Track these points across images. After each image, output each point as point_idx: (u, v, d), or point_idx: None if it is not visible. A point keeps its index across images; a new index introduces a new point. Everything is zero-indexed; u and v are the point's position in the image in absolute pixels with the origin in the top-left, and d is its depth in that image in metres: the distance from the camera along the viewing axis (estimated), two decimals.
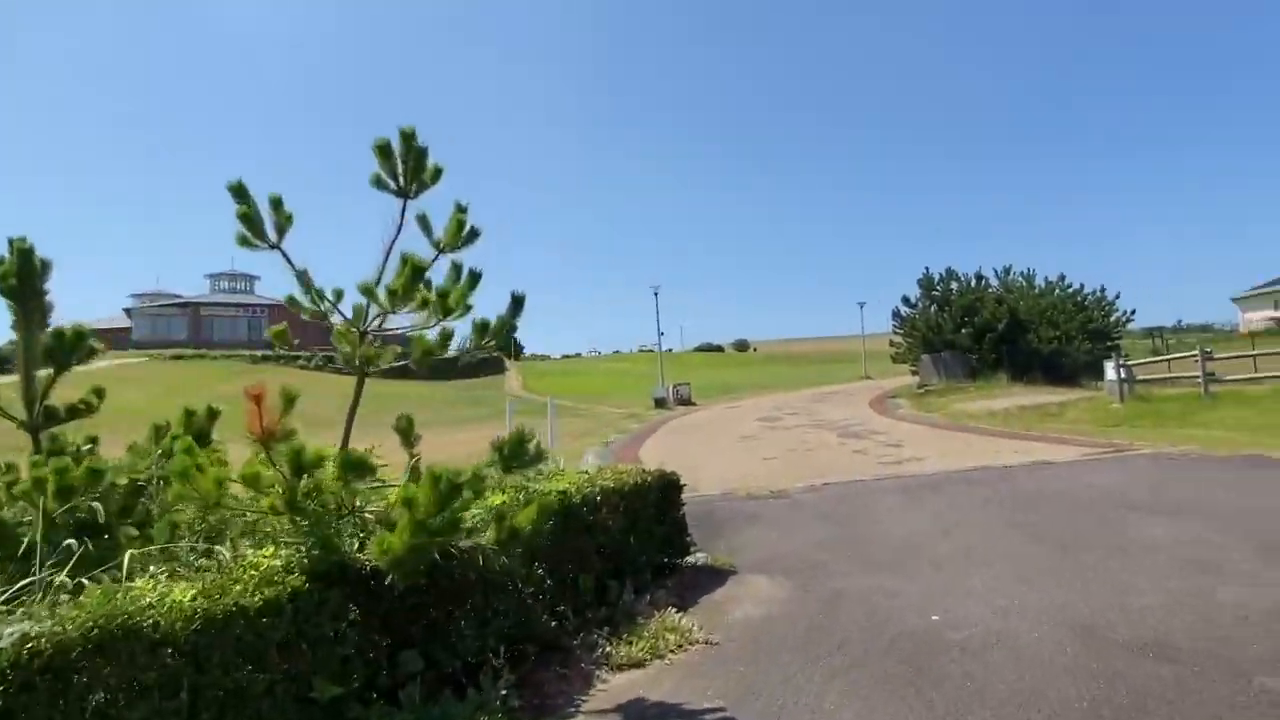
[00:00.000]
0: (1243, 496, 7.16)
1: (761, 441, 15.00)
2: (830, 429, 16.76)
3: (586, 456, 13.83)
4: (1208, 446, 10.34)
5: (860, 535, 6.51)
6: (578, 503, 4.49)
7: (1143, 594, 4.29)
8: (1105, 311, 32.40)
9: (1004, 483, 8.63)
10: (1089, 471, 9.05)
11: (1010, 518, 6.79)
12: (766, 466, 11.33)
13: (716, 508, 8.21)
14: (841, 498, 8.37)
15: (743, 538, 6.81)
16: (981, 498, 7.83)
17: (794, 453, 12.86)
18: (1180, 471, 8.68)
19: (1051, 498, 7.56)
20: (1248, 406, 12.70)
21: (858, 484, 9.23)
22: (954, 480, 9.00)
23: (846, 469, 10.57)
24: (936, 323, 27.42)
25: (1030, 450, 11.29)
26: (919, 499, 7.97)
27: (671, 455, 13.53)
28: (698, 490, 9.45)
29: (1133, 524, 6.18)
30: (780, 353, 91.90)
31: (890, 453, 12.07)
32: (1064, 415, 15.63)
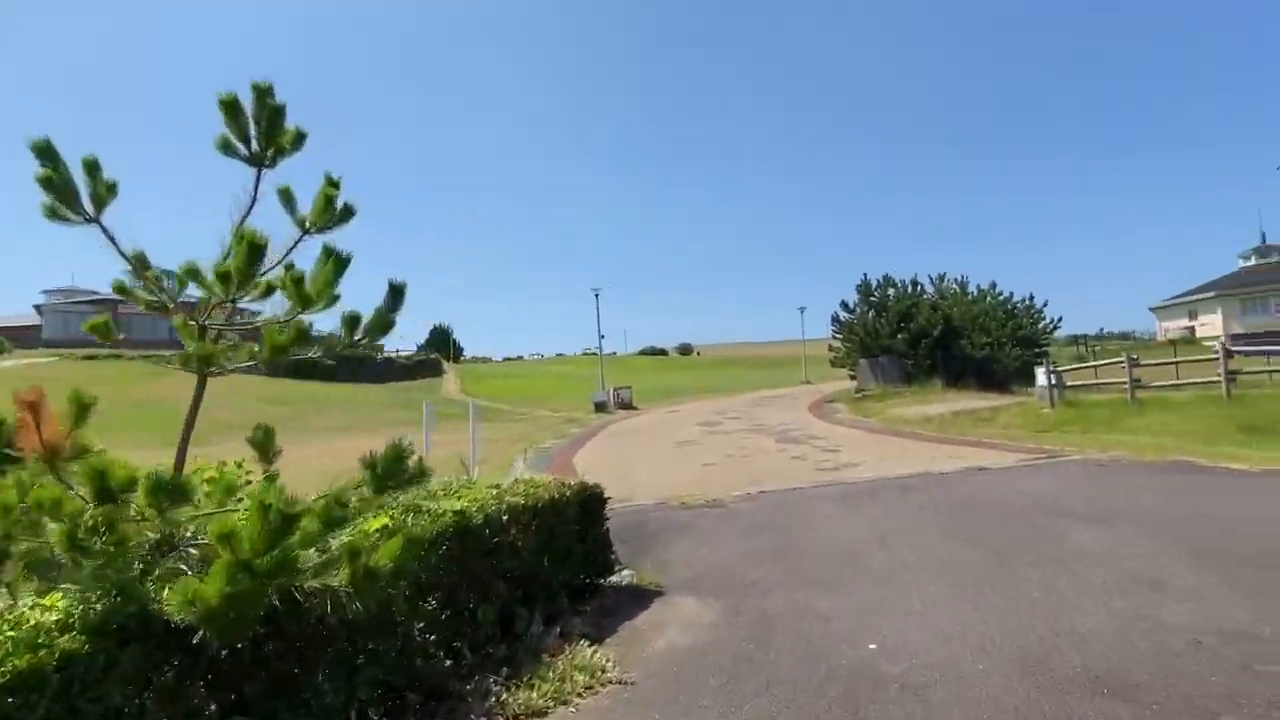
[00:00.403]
0: (1170, 502, 7.10)
1: (700, 447, 14.66)
2: (769, 434, 16.55)
3: (517, 464, 13.24)
4: (1135, 452, 10.42)
5: (796, 547, 6.15)
6: (478, 523, 3.95)
7: (1089, 615, 4.01)
8: (1034, 319, 33.40)
9: (940, 489, 8.45)
10: (1022, 478, 8.96)
11: (947, 526, 6.54)
12: (704, 473, 10.96)
13: (649, 519, 7.78)
14: (778, 506, 8.03)
15: (674, 551, 6.38)
16: (918, 505, 7.60)
17: (732, 458, 12.54)
18: (1110, 478, 8.64)
19: (987, 505, 7.37)
20: (1172, 412, 12.97)
21: (795, 491, 8.92)
22: (890, 487, 8.78)
23: (784, 475, 10.28)
24: (874, 328, 27.72)
25: (965, 456, 11.22)
26: (856, 506, 7.69)
27: (607, 462, 13.07)
28: (631, 500, 9.03)
29: (1070, 533, 5.98)
30: (723, 357, 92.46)
31: (828, 458, 11.86)
32: (996, 420, 15.78)
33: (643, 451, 14.39)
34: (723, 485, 9.71)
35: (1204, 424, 12.17)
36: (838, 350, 30.89)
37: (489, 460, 13.78)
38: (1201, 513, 6.55)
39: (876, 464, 10.90)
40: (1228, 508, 6.72)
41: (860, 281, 29.29)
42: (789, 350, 71.20)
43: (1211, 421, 12.14)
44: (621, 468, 12.10)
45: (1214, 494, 7.42)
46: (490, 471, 12.18)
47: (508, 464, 13.15)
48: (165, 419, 28.15)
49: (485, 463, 13.44)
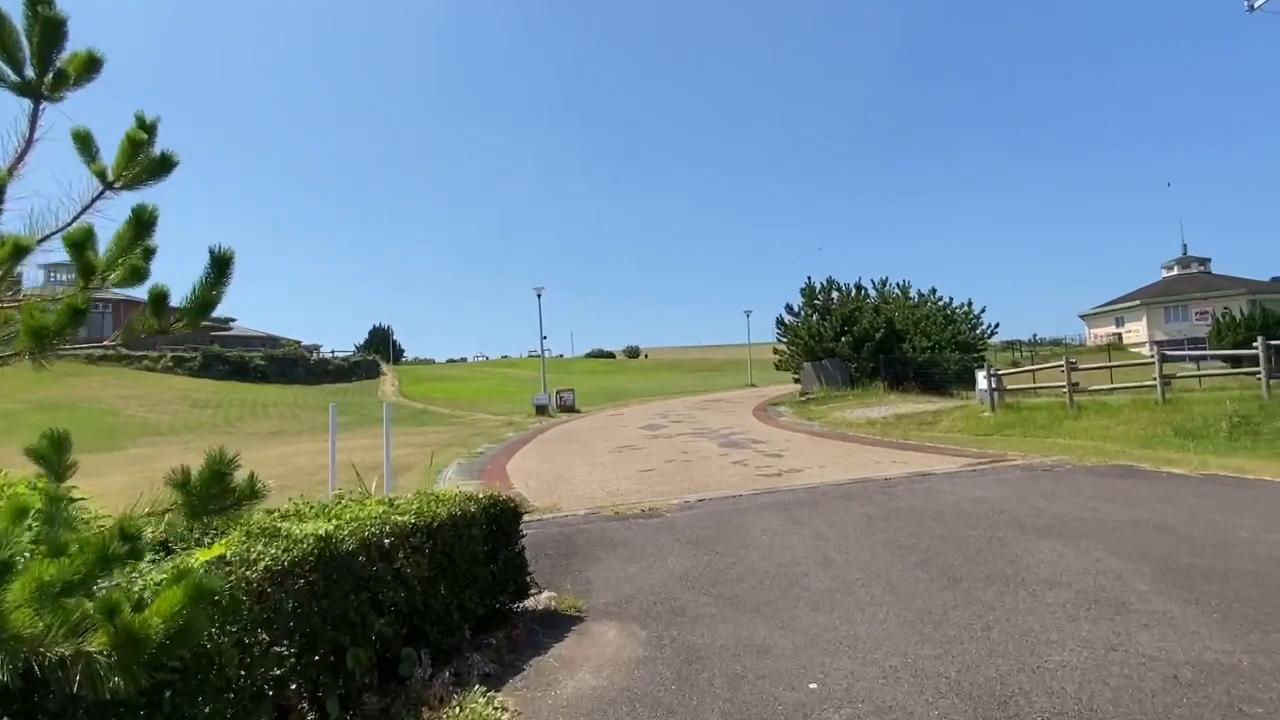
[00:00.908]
0: (1121, 510, 6.85)
1: (641, 452, 14.11)
2: (712, 438, 16.12)
3: (447, 472, 12.46)
4: (1078, 456, 10.29)
5: (733, 564, 5.63)
6: (349, 550, 3.29)
7: (1055, 646, 3.58)
8: (972, 324, 34.01)
9: (885, 497, 8.07)
10: (969, 484, 8.66)
11: (894, 539, 6.12)
12: (642, 480, 10.40)
13: (579, 531, 7.17)
14: (716, 517, 7.52)
15: (601, 569, 5.79)
16: (863, 515, 7.19)
17: (673, 464, 12.02)
18: (1058, 484, 8.41)
19: (936, 515, 6.99)
20: (1110, 416, 13.01)
21: (735, 500, 8.43)
22: (834, 495, 8.37)
23: (725, 482, 9.81)
24: (818, 331, 27.68)
25: (910, 460, 10.95)
26: (798, 517, 7.23)
27: (542, 468, 12.40)
28: (560, 510, 8.42)
29: (1024, 547, 5.62)
30: (670, 360, 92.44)
31: (770, 463, 11.44)
32: (939, 424, 15.68)
33: (581, 457, 13.76)
34: (661, 493, 9.18)
35: (1140, 428, 12.20)
36: (783, 354, 30.82)
37: (415, 467, 12.97)
38: (1154, 522, 6.28)
39: (820, 470, 10.52)
40: (1179, 516, 6.47)
41: (805, 285, 29.29)
42: (736, 354, 71.57)
43: (1147, 425, 12.18)
44: (557, 474, 11.46)
45: (1162, 501, 7.21)
46: (416, 480, 11.39)
47: (436, 471, 12.35)
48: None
49: (411, 469, 12.64)
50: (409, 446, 16.96)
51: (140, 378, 40.51)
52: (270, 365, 49.07)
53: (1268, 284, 61.14)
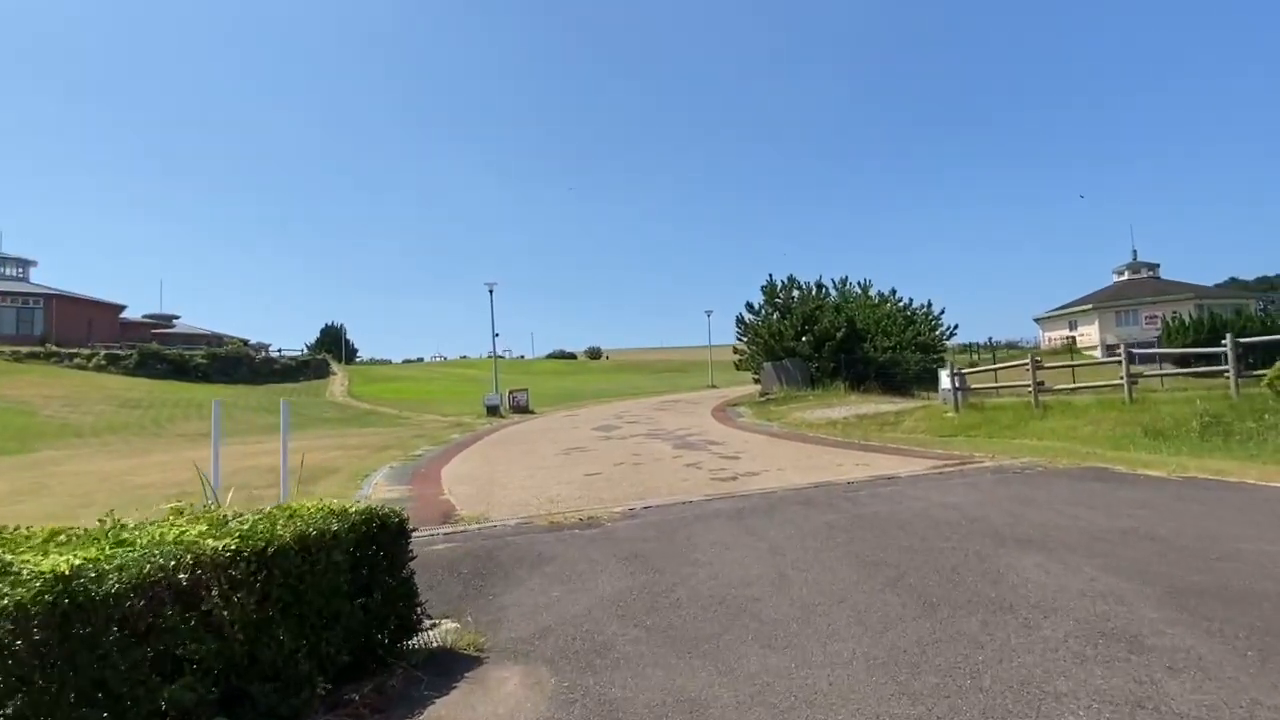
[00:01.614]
0: (1105, 518, 6.20)
1: (590, 454, 13.22)
2: (667, 439, 15.32)
3: (374, 478, 11.42)
4: (1048, 458, 9.72)
5: (674, 586, 4.79)
6: (115, 592, 2.35)
7: (1066, 700, 2.80)
8: (932, 325, 33.87)
9: (848, 503, 7.33)
10: (938, 488, 7.98)
11: (859, 552, 5.35)
12: (586, 486, 9.52)
13: (505, 544, 6.28)
14: (662, 527, 6.68)
15: (520, 593, 4.90)
16: (824, 524, 6.42)
17: (622, 467, 11.16)
18: (1032, 489, 7.77)
19: (904, 524, 6.26)
20: (1076, 417, 12.54)
21: (685, 506, 7.61)
22: (793, 501, 7.60)
23: (676, 487, 8.99)
24: (778, 330, 27.11)
25: (873, 463, 10.27)
26: (753, 527, 6.43)
27: (481, 472, 11.45)
28: (490, 519, 7.51)
29: (1006, 562, 4.89)
30: (632, 361, 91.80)
31: (726, 466, 10.66)
32: (901, 424, 15.12)
33: (524, 460, 12.82)
34: (605, 500, 8.32)
35: (1108, 428, 11.74)
36: (743, 353, 30.21)
37: (341, 471, 11.91)
38: (1143, 531, 5.62)
39: (778, 473, 9.77)
40: (1168, 524, 5.83)
41: (765, 283, 28.69)
42: (699, 355, 71.17)
43: (1115, 425, 11.72)
44: (494, 479, 10.52)
45: (1145, 507, 6.58)
46: (337, 486, 10.35)
47: (364, 477, 11.30)
48: None
49: (336, 474, 11.57)
50: (342, 449, 15.82)
51: (68, 377, 38.24)
52: (212, 364, 46.93)
53: (1214, 289, 62.89)
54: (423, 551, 6.27)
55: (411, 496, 9.20)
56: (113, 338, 54.90)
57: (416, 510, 8.26)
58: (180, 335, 60.58)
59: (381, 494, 9.48)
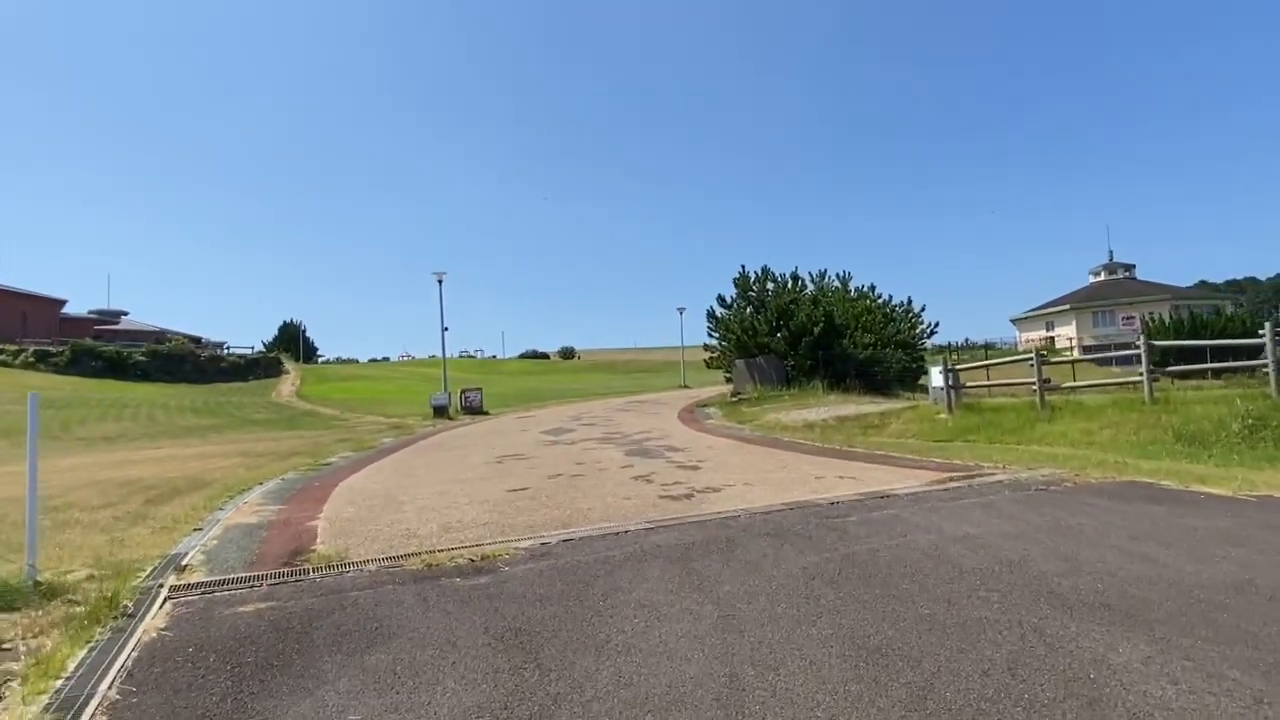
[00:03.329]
0: (1195, 560, 4.41)
1: (527, 463, 11.26)
2: (621, 444, 13.40)
3: (250, 495, 9.33)
4: (1073, 470, 7.96)
5: (555, 706, 2.87)
6: None
7: None
8: (912, 323, 32.36)
9: (834, 534, 5.48)
10: (948, 513, 6.15)
11: (858, 631, 3.49)
12: (502, 507, 7.57)
13: (341, 605, 4.33)
14: (575, 573, 4.76)
15: (306, 708, 2.96)
16: (802, 570, 4.55)
17: (557, 480, 9.21)
18: (1070, 513, 5.97)
19: (916, 571, 4.41)
20: (1089, 419, 10.84)
21: (616, 540, 5.69)
22: (760, 530, 5.72)
23: (615, 508, 7.08)
24: (752, 325, 25.30)
25: (860, 475, 8.44)
26: (701, 576, 4.53)
27: (386, 486, 9.42)
28: (347, 557, 5.55)
29: (1093, 653, 3.06)
30: (605, 361, 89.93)
31: (683, 479, 8.76)
32: (888, 427, 13.35)
33: (446, 471, 10.81)
34: (516, 527, 6.39)
35: (1131, 432, 10.04)
36: (714, 350, 28.37)
37: (216, 484, 9.79)
38: (1267, 589, 3.83)
39: (744, 489, 7.89)
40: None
41: (738, 275, 26.85)
42: (672, 355, 69.39)
43: (1139, 429, 10.03)
44: (394, 496, 8.51)
45: (1238, 543, 4.80)
46: (194, 504, 8.26)
47: (238, 494, 9.20)
48: None
49: (208, 487, 9.46)
50: (243, 457, 13.66)
51: None
52: (153, 362, 44.07)
53: (1189, 290, 62.56)
54: (218, 615, 4.35)
55: (273, 522, 7.17)
56: (51, 334, 51.74)
57: (267, 542, 6.28)
58: (124, 332, 57.39)
59: (240, 518, 7.44)
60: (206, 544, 6.25)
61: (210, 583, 4.99)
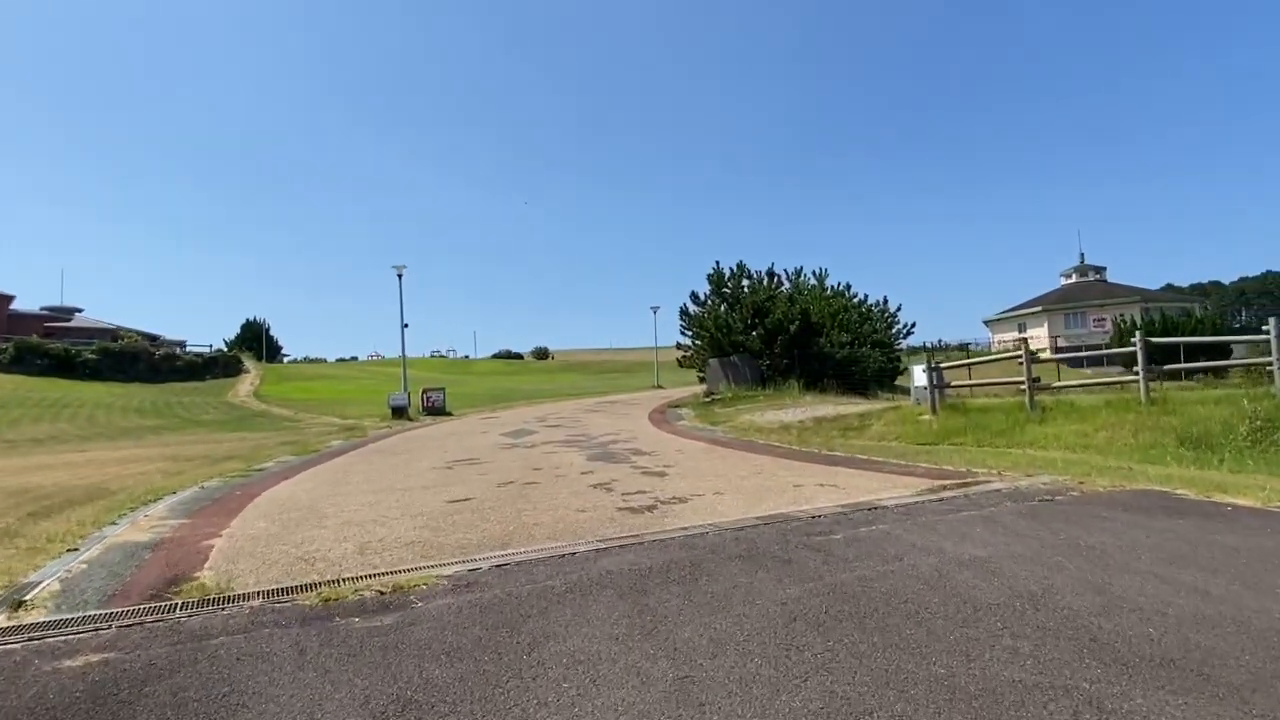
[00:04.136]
0: (1255, 593, 3.64)
1: (478, 469, 10.31)
2: (585, 448, 12.49)
3: (157, 506, 8.28)
4: (1076, 476, 7.22)
5: None
6: None
7: None
8: (888, 322, 31.84)
9: (818, 557, 4.64)
10: (947, 529, 5.34)
11: (854, 696, 2.66)
12: (439, 520, 6.64)
13: (193, 659, 3.40)
14: (501, 612, 3.85)
15: None
16: (780, 608, 3.70)
17: (508, 488, 8.28)
18: (1087, 530, 5.19)
19: (921, 611, 3.57)
20: (1083, 420, 10.16)
21: (559, 564, 4.79)
22: (729, 553, 4.86)
23: (566, 523, 6.18)
24: (726, 322, 24.48)
25: (843, 482, 7.63)
26: (656, 617, 3.66)
27: (310, 498, 8.42)
28: (230, 589, 4.59)
29: None
30: (579, 362, 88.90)
31: (647, 487, 7.88)
32: (868, 429, 12.59)
33: (387, 478, 9.82)
34: (447, 547, 5.46)
35: (1129, 434, 9.36)
36: (687, 349, 27.54)
37: (121, 492, 8.70)
38: None
39: (714, 498, 7.04)
40: None
41: (712, 271, 26.02)
42: (648, 356, 68.59)
43: (1137, 431, 9.35)
44: (319, 510, 7.53)
45: None
46: (81, 519, 7.20)
47: (144, 504, 8.13)
48: None
49: (110, 496, 8.38)
50: (171, 461, 12.52)
51: None
52: (104, 360, 42.14)
53: (1158, 292, 63.18)
54: (33, 673, 3.43)
55: (165, 540, 6.16)
56: None
57: (145, 566, 5.29)
58: (77, 329, 55.10)
59: (130, 535, 6.42)
60: (72, 569, 5.23)
61: (44, 625, 4.00)
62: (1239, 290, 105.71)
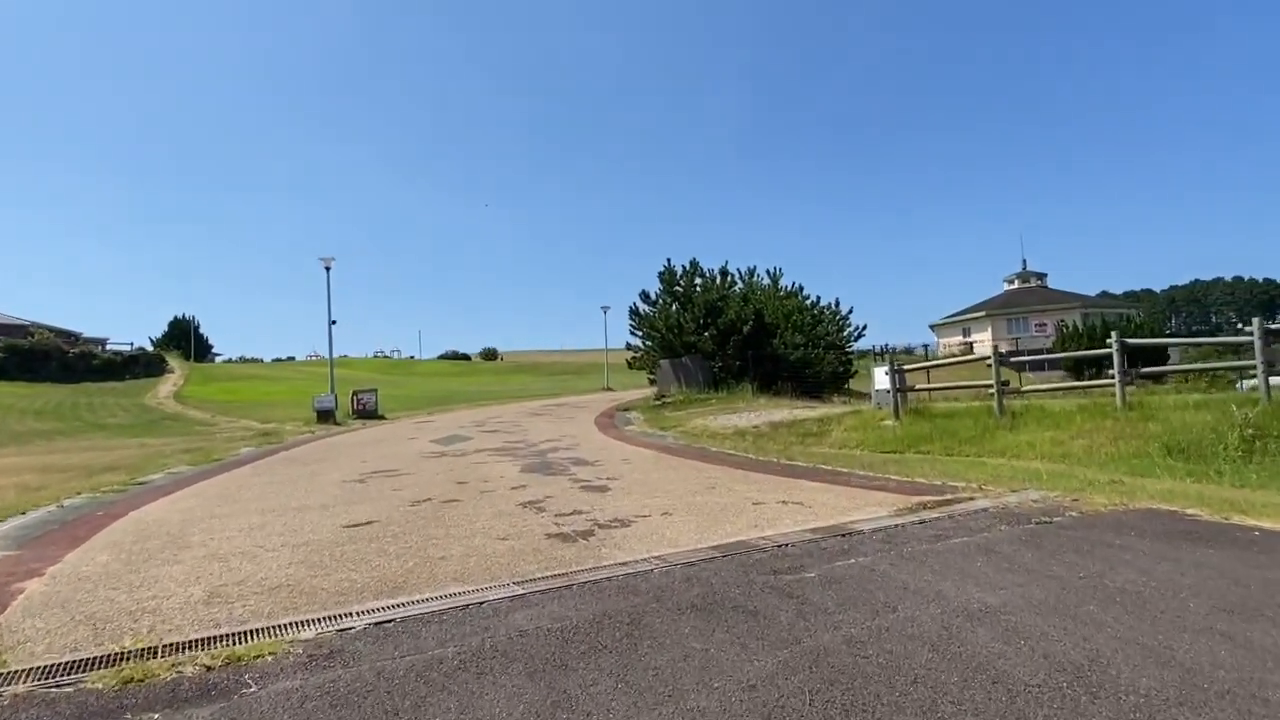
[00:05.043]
0: None
1: (394, 483, 9.08)
2: (521, 456, 11.35)
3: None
4: (1069, 493, 6.43)
5: None
6: None
7: None
8: (839, 325, 31.40)
9: (789, 606, 3.65)
10: (940, 562, 4.41)
11: None
12: (324, 553, 5.44)
13: None
14: (359, 707, 2.72)
15: None
16: (745, 693, 2.69)
17: (421, 507, 7.11)
18: (1101, 561, 4.32)
19: (932, 696, 2.59)
20: (1057, 427, 9.49)
21: (457, 621, 3.69)
22: (681, 601, 3.83)
23: (478, 555, 5.07)
24: (677, 322, 23.54)
25: (809, 499, 6.68)
26: (575, 709, 2.59)
27: (181, 520, 7.11)
28: (6, 659, 3.35)
29: None
30: (529, 363, 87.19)
31: (585, 506, 6.81)
32: (828, 435, 11.76)
33: (283, 495, 8.51)
34: (324, 592, 4.30)
35: (1107, 442, 8.69)
36: (637, 350, 26.51)
37: None
38: None
39: (662, 520, 6.00)
40: None
41: (663, 268, 25.04)
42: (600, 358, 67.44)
43: (1117, 439, 8.69)
44: (183, 538, 6.24)
45: None
46: None
47: None
48: None
49: None
50: (40, 472, 10.93)
51: None
52: (10, 359, 38.96)
53: (1096, 299, 64.88)
54: None
55: None
56: None
57: None
58: None
59: None
60: None
61: None
62: (1169, 298, 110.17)
